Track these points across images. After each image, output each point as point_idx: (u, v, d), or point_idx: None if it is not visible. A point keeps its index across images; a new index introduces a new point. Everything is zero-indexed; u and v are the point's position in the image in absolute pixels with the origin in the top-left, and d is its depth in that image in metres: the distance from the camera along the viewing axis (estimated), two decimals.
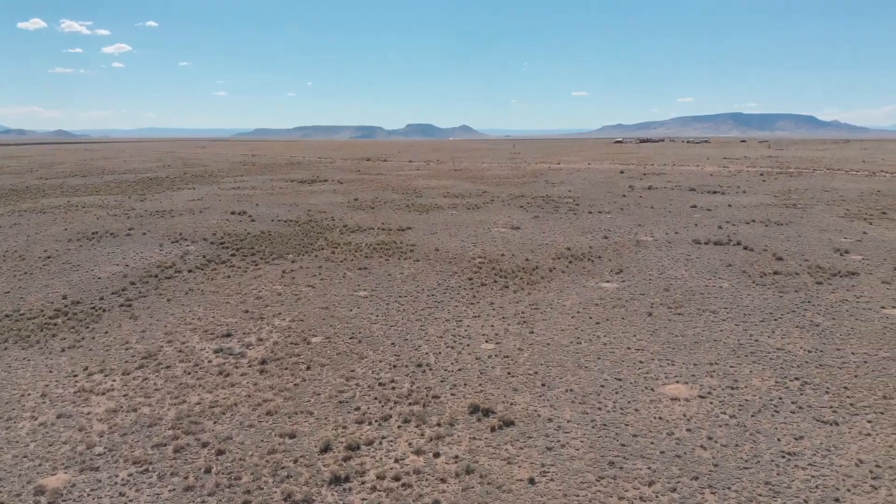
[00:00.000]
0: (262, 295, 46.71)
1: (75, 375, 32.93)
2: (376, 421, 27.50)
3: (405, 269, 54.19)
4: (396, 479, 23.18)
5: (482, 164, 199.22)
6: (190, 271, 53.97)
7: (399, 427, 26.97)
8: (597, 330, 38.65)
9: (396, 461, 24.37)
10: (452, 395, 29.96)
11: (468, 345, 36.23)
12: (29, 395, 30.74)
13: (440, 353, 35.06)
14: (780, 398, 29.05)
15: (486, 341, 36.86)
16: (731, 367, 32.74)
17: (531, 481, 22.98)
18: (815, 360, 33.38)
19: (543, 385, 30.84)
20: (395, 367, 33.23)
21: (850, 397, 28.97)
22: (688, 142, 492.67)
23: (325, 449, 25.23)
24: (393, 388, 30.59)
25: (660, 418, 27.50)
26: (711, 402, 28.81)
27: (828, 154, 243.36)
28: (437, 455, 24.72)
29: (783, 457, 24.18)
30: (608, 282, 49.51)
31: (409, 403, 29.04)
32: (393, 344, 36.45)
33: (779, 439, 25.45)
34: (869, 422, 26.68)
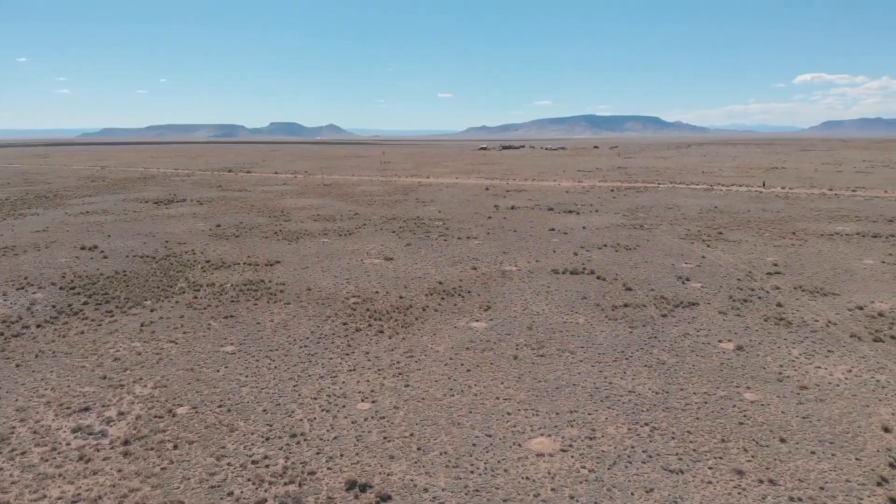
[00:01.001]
0: (119, 355, 44.11)
1: None
2: None
3: (275, 314, 53.21)
4: None
5: (352, 177, 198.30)
6: (39, 326, 49.95)
7: None
8: (468, 378, 40.12)
9: None
10: (329, 468, 30.05)
11: (344, 406, 36.37)
12: None
13: (315, 418, 34.96)
14: (633, 447, 31.74)
15: (362, 400, 37.18)
16: (588, 414, 35.26)
17: None
18: (662, 402, 36.72)
19: (419, 449, 31.67)
20: (268, 439, 32.75)
21: (693, 442, 32.21)
22: (546, 148, 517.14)
23: None
24: (267, 466, 30.18)
25: (527, 478, 29.17)
26: (573, 456, 30.94)
27: (671, 163, 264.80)
28: None
29: None
30: (477, 321, 51.38)
31: (285, 483, 28.81)
32: (265, 411, 35.84)
33: (632, 493, 27.87)
34: (710, 468, 29.81)
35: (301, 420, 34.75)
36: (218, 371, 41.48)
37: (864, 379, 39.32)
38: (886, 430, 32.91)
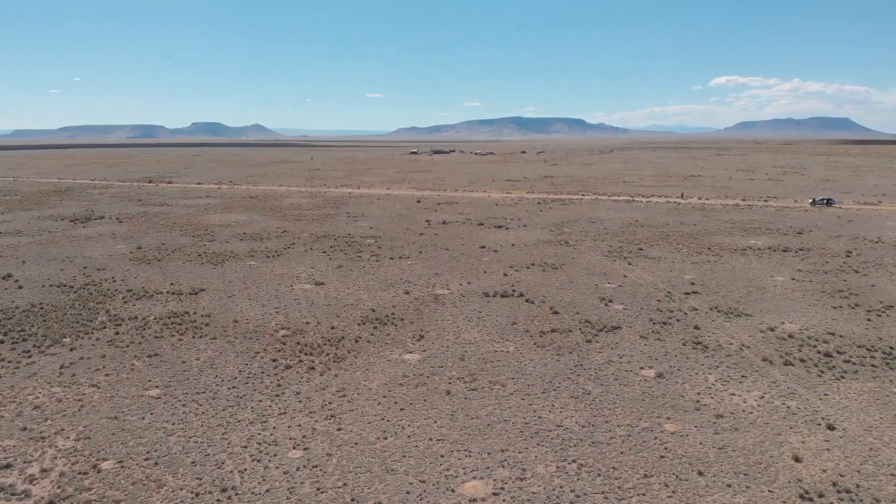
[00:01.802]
0: (39, 403, 42.24)
1: None
2: None
3: (201, 351, 52.02)
4: None
5: (280, 187, 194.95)
6: None
7: None
8: (402, 418, 40.46)
9: None
10: None
11: (275, 455, 36.03)
12: None
13: (245, 469, 34.51)
14: (561, 486, 32.86)
15: (294, 447, 36.93)
16: (519, 452, 36.21)
17: None
18: (589, 436, 38.10)
19: (353, 500, 31.80)
20: (197, 494, 32.15)
21: (617, 479, 33.59)
22: (476, 153, 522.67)
23: None
24: None
25: None
26: (504, 500, 31.74)
27: (594, 170, 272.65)
28: None
29: None
30: (411, 352, 51.76)
31: None
32: (193, 462, 35.12)
33: None
34: None
35: (231, 472, 34.27)
36: (143, 419, 40.33)
37: (776, 406, 41.90)
38: (797, 459, 35.24)
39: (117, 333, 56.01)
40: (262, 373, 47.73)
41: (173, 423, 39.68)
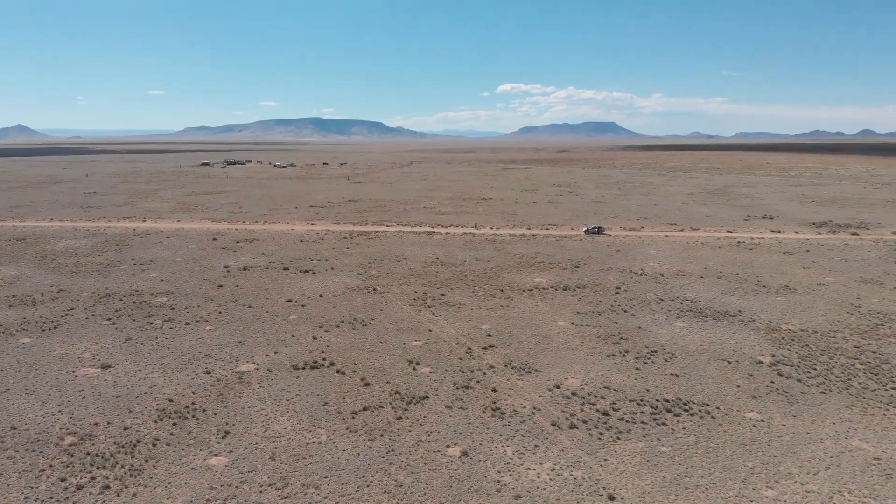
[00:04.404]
0: None
1: None
2: None
3: None
4: None
5: (52, 222, 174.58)
6: None
7: None
8: None
9: None
10: None
11: None
12: None
13: None
14: None
15: None
16: None
17: None
18: None
19: None
20: None
21: None
22: (275, 165, 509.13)
23: None
24: None
25: None
26: None
27: (396, 191, 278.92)
28: None
29: None
30: (216, 454, 49.81)
31: None
32: None
33: None
34: None
35: None
36: None
37: (565, 478, 46.79)
38: None
39: None
40: (51, 498, 43.34)
41: None
